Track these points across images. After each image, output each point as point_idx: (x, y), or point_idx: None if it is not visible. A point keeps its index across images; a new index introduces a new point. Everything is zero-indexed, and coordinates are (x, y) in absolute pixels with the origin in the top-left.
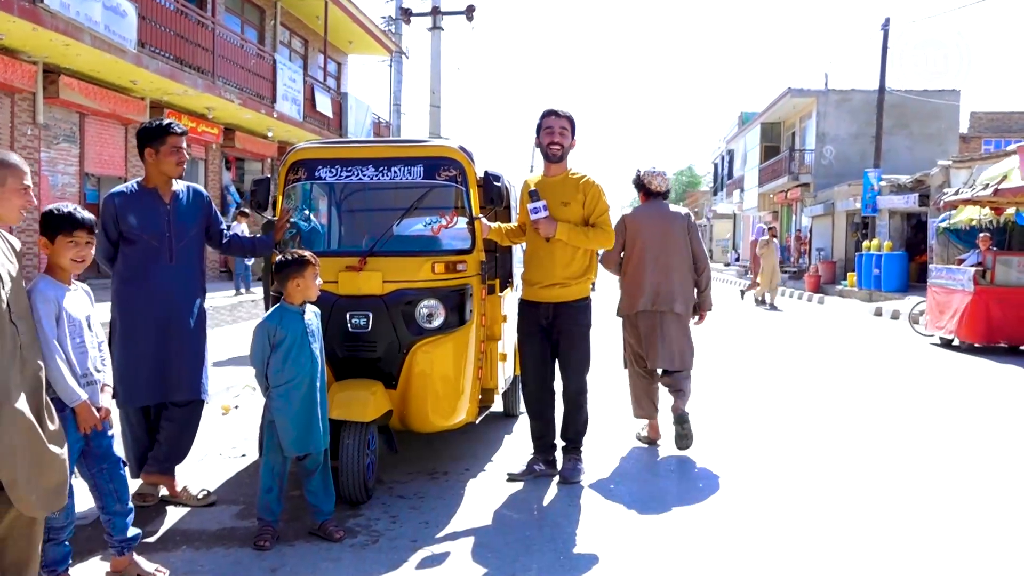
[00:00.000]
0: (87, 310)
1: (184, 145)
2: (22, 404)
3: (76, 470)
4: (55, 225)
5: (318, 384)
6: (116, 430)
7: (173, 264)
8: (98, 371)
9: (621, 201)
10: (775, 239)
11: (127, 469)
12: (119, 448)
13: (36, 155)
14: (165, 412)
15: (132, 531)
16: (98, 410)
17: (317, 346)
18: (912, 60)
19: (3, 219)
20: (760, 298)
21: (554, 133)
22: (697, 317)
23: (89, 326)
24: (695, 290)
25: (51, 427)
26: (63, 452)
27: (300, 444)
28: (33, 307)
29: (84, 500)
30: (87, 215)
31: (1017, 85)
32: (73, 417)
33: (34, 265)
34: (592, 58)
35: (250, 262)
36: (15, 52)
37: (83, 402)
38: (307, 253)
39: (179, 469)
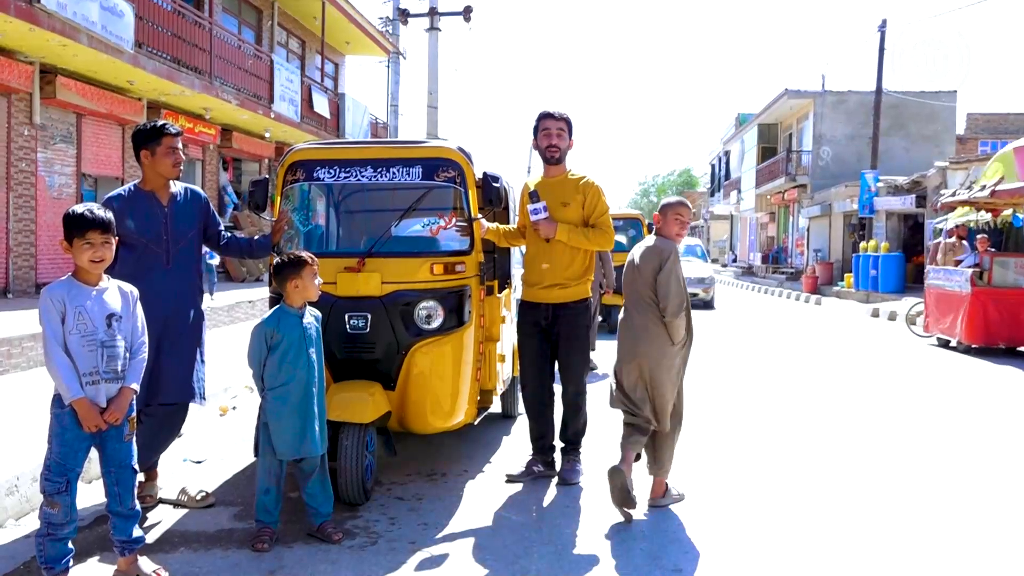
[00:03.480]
0: (115, 310)
1: (180, 146)
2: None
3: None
4: (69, 227)
5: (315, 388)
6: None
7: (170, 267)
8: (115, 372)
9: (620, 202)
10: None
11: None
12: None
13: (33, 156)
14: (147, 409)
15: (136, 532)
16: (104, 410)
17: (315, 350)
18: (909, 61)
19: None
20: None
21: (551, 136)
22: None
23: (111, 325)
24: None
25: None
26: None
27: (293, 448)
28: (40, 304)
29: (84, 499)
30: (101, 215)
31: (1013, 87)
32: (74, 414)
33: (31, 266)
34: (590, 59)
35: (214, 260)
36: (12, 52)
37: (80, 399)
38: (304, 253)
39: (175, 472)
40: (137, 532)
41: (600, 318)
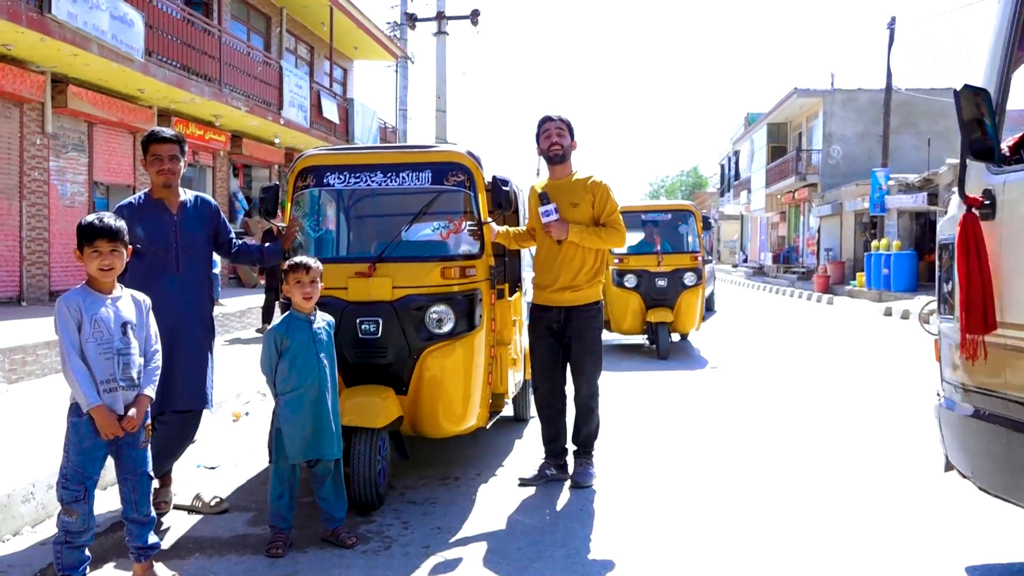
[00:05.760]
0: (129, 318)
1: (175, 153)
2: None
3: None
4: (79, 236)
5: (327, 393)
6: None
7: (180, 274)
8: (132, 380)
9: (631, 202)
10: None
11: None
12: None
13: (45, 164)
14: (161, 417)
15: (152, 539)
16: (121, 418)
17: (326, 355)
18: (912, 60)
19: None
20: None
21: (552, 135)
22: None
23: (126, 333)
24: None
25: None
26: None
27: (304, 451)
28: (56, 313)
29: (99, 506)
30: (110, 223)
31: None
32: (92, 423)
33: (44, 275)
34: (598, 60)
35: (217, 269)
36: (23, 62)
37: (98, 407)
38: (308, 259)
39: (190, 478)
40: (153, 538)
41: (646, 340)
